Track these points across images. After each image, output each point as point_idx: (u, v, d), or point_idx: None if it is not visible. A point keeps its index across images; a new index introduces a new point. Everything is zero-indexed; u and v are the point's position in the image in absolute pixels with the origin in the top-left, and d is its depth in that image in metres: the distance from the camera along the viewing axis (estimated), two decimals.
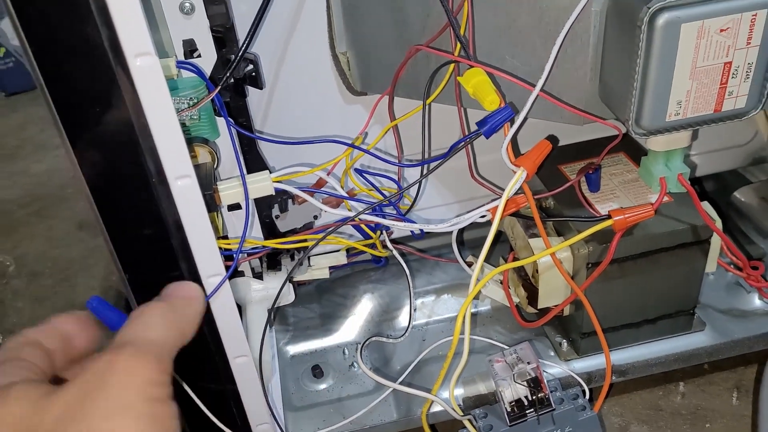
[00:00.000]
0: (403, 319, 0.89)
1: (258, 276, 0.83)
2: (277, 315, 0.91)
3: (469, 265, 0.82)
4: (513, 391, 0.68)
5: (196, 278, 0.55)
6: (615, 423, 0.83)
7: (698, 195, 0.67)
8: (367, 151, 0.68)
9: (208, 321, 0.59)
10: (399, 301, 0.91)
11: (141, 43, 0.43)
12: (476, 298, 0.89)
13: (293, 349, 0.88)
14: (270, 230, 0.79)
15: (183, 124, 0.60)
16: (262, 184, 0.60)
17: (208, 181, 0.59)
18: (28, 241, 1.41)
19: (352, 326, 0.90)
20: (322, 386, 0.83)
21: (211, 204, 0.58)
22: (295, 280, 0.87)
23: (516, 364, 0.68)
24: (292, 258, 0.82)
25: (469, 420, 0.70)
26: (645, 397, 0.86)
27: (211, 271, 0.55)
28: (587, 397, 0.72)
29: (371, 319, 0.90)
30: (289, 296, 0.84)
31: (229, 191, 0.59)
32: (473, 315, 0.88)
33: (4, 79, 2.04)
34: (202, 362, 0.61)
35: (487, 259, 0.86)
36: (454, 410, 0.69)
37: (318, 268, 0.87)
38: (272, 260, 0.80)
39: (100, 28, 0.42)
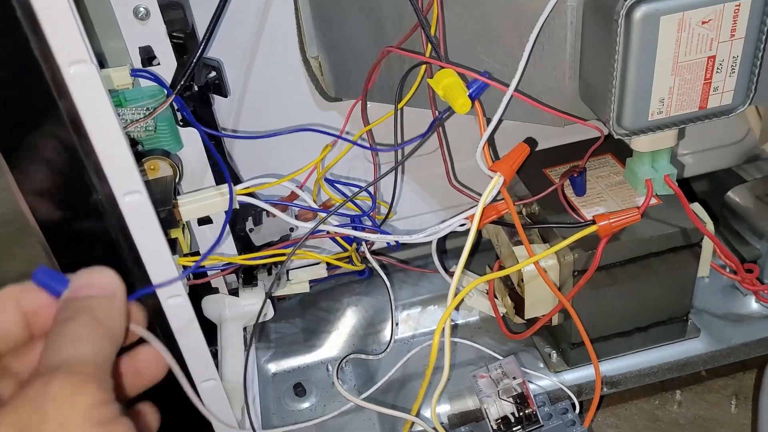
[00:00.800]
0: (387, 333, 0.86)
1: (233, 292, 0.80)
2: (257, 331, 0.88)
3: (452, 275, 0.79)
4: (498, 408, 0.64)
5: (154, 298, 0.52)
6: None
7: (688, 196, 0.64)
8: (338, 136, 0.64)
9: (171, 345, 0.56)
10: (383, 314, 0.87)
11: (75, 50, 0.40)
12: (463, 309, 0.86)
13: (275, 366, 0.85)
14: (245, 244, 0.76)
15: (136, 137, 0.57)
16: (224, 198, 0.57)
17: (167, 195, 0.56)
18: (9, 259, 1.38)
19: (335, 341, 0.86)
20: (305, 405, 0.80)
21: (171, 220, 0.55)
22: (274, 295, 0.84)
23: (501, 379, 0.65)
24: (269, 272, 0.79)
25: None
26: (641, 407, 0.83)
27: (170, 292, 0.52)
28: (577, 410, 0.69)
29: (355, 333, 0.87)
30: (267, 312, 0.81)
31: (189, 206, 0.56)
32: (460, 326, 0.85)
33: None
34: (166, 387, 0.58)
35: (473, 269, 0.83)
36: (436, 431, 0.66)
37: (297, 282, 0.84)
38: (248, 275, 0.77)
39: (29, 35, 0.39)
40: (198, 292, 0.76)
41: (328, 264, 0.85)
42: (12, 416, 0.32)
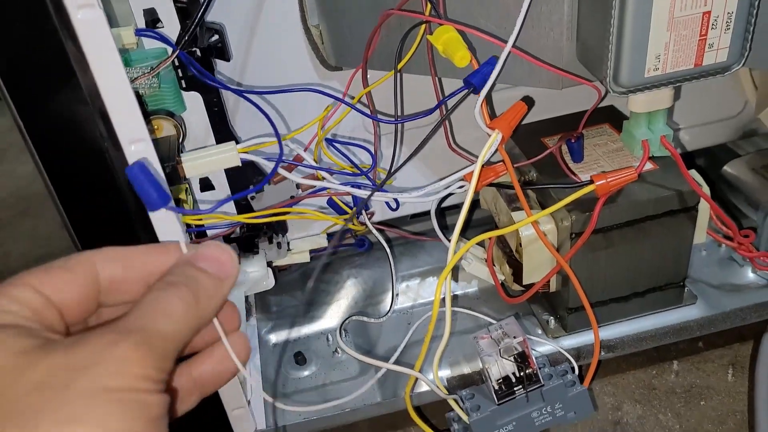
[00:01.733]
0: (387, 304, 0.86)
1: None
2: (258, 303, 0.88)
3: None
4: (500, 367, 0.65)
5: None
6: (608, 403, 0.81)
7: (686, 164, 0.65)
8: (340, 99, 0.65)
9: None
10: (383, 285, 0.88)
11: None
12: (462, 279, 0.87)
13: (275, 337, 0.86)
14: (246, 212, 0.77)
15: (143, 95, 0.58)
16: (227, 155, 0.58)
17: (171, 153, 0.57)
18: (12, 241, 1.39)
19: (335, 312, 0.87)
20: (305, 373, 0.80)
21: (175, 176, 0.56)
22: (275, 265, 0.85)
23: (502, 339, 0.66)
24: (270, 241, 0.80)
25: (455, 400, 0.68)
26: (638, 377, 0.84)
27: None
28: (576, 373, 0.70)
29: (355, 305, 0.88)
30: (268, 281, 0.82)
31: (192, 162, 0.57)
32: (461, 296, 0.86)
33: None
34: None
35: (469, 235, 0.84)
36: (439, 389, 0.67)
37: (298, 252, 0.85)
38: (248, 243, 0.78)
39: None
40: None
41: (329, 236, 0.86)
42: (72, 350, 0.32)
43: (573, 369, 0.70)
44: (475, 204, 0.86)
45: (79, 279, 0.36)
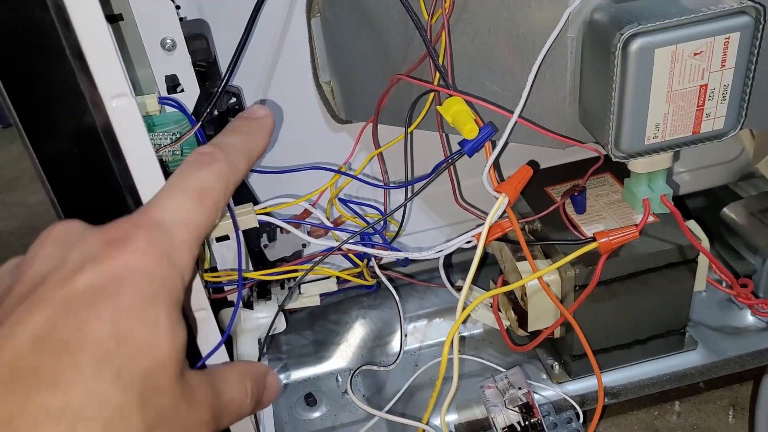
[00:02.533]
0: (395, 345, 0.89)
1: (248, 305, 0.83)
2: (269, 344, 0.91)
3: (458, 289, 0.82)
4: (505, 417, 0.67)
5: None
6: None
7: (683, 214, 0.68)
8: (352, 176, 0.68)
9: (194, 356, 0.59)
10: (391, 326, 0.91)
11: (117, 84, 0.44)
12: (468, 321, 0.89)
13: (286, 377, 0.88)
14: (259, 259, 0.80)
15: (166, 161, 0.60)
16: (246, 216, 0.60)
17: None
18: None
19: (345, 353, 0.90)
20: (316, 414, 0.83)
21: None
22: (286, 308, 0.88)
23: (507, 389, 0.68)
24: (282, 286, 0.82)
25: None
26: (641, 417, 0.86)
27: (196, 306, 0.55)
28: (581, 420, 0.72)
29: (364, 345, 0.90)
30: (280, 325, 0.84)
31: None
32: (465, 338, 0.88)
33: (2, 110, 2.05)
34: None
35: (476, 282, 0.86)
36: None
37: (308, 296, 0.87)
38: (262, 289, 0.81)
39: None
40: (215, 306, 0.79)
41: (338, 278, 0.89)
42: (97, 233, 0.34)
43: (577, 415, 0.72)
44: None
45: None
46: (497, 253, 0.82)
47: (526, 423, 0.67)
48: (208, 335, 0.56)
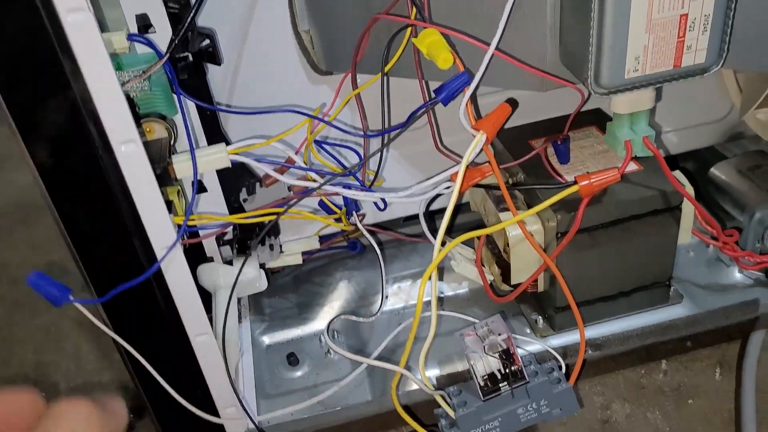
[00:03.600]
0: (386, 304, 0.87)
1: (228, 263, 0.82)
2: (252, 305, 0.90)
3: (442, 244, 0.81)
4: (485, 364, 0.66)
5: (147, 248, 0.54)
6: (597, 402, 0.81)
7: (670, 165, 0.67)
8: (327, 122, 0.66)
9: (165, 297, 0.58)
10: (375, 287, 0.89)
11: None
12: (453, 281, 0.88)
13: (269, 338, 0.87)
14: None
15: (134, 98, 0.59)
16: (217, 156, 0.59)
17: (162, 155, 0.58)
18: (10, 248, 1.40)
19: (328, 314, 0.88)
20: (298, 374, 0.81)
21: (165, 177, 0.57)
22: (268, 267, 0.86)
23: (487, 336, 0.67)
24: (263, 243, 0.81)
25: (442, 396, 0.69)
26: (627, 376, 0.84)
27: (162, 243, 0.54)
28: (563, 371, 0.71)
29: (348, 306, 0.89)
30: (261, 283, 0.83)
31: (183, 163, 0.58)
32: (451, 297, 0.87)
33: None
34: (162, 339, 0.60)
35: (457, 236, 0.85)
36: (426, 385, 0.68)
37: (290, 254, 0.86)
38: (242, 245, 0.79)
39: None
40: (194, 262, 0.78)
41: (322, 239, 0.88)
42: None
43: (560, 367, 0.71)
44: (464, 206, 0.87)
45: None
46: (481, 209, 0.81)
47: (507, 371, 0.66)
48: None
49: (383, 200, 0.67)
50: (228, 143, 0.66)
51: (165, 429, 0.70)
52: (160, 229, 0.53)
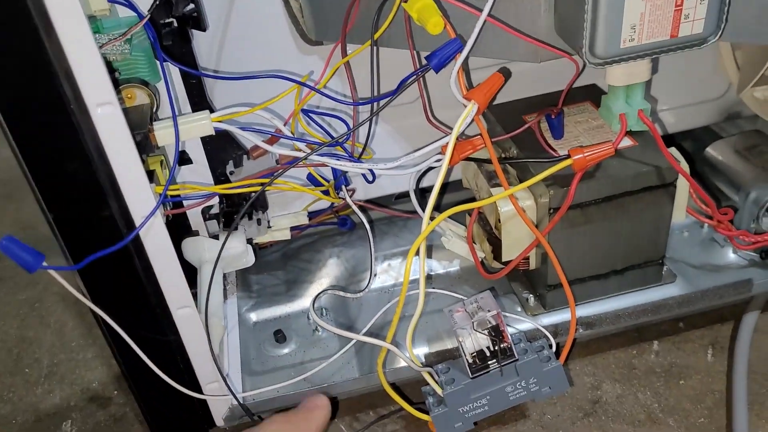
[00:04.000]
0: (375, 282, 0.86)
1: (215, 238, 0.80)
2: (240, 281, 0.88)
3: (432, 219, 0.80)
4: (474, 340, 0.65)
5: (126, 216, 0.52)
6: (587, 382, 0.80)
7: (666, 143, 0.65)
8: (315, 89, 0.64)
9: (145, 268, 0.56)
10: (365, 265, 0.88)
11: None
12: (444, 258, 0.86)
13: (256, 315, 0.85)
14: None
15: (113, 61, 0.57)
16: (200, 123, 0.57)
17: (143, 121, 0.57)
18: None
19: (317, 291, 0.87)
20: (285, 351, 0.80)
21: (146, 145, 0.56)
22: (256, 242, 0.85)
23: (476, 312, 0.65)
24: (250, 217, 0.79)
25: (429, 373, 0.68)
26: (619, 357, 0.83)
27: (142, 211, 0.52)
28: (553, 349, 0.70)
29: (337, 283, 0.87)
30: (248, 258, 0.81)
31: (164, 130, 0.56)
32: (441, 275, 0.86)
33: None
34: (143, 311, 0.59)
35: (454, 218, 0.84)
36: (413, 362, 0.66)
37: (278, 229, 0.84)
38: (228, 219, 0.78)
39: None
40: (180, 236, 0.76)
41: (311, 215, 0.86)
42: None
43: (550, 345, 0.70)
44: (457, 184, 0.86)
45: None
46: (473, 184, 0.79)
47: (496, 348, 0.65)
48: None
49: (371, 171, 0.65)
50: (212, 111, 0.64)
51: (147, 404, 0.69)
52: (139, 196, 0.51)
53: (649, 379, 0.80)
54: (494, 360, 0.65)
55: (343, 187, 0.76)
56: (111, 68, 0.59)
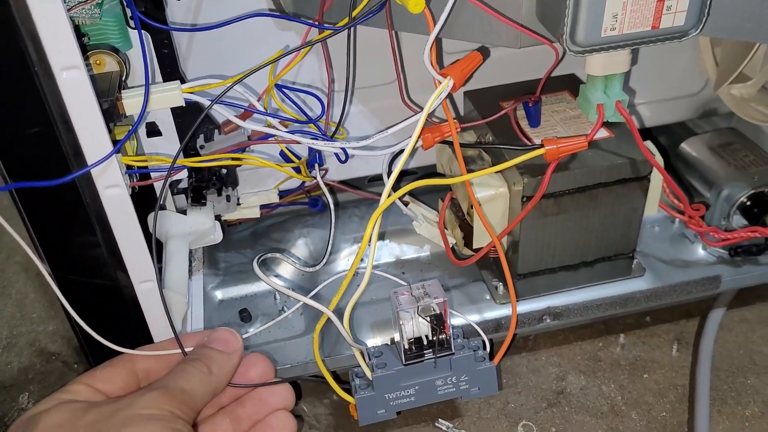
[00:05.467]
0: (339, 264, 0.85)
1: (182, 212, 0.79)
2: (207, 258, 0.87)
3: (405, 204, 0.80)
4: (415, 326, 0.64)
5: (91, 187, 0.50)
6: (552, 373, 0.80)
7: (642, 136, 0.65)
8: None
9: (107, 240, 0.55)
10: (335, 245, 0.87)
11: None
12: (416, 244, 0.85)
13: (222, 293, 0.84)
14: None
15: (82, 25, 0.55)
16: (170, 93, 0.56)
17: (111, 89, 0.55)
18: None
19: (284, 271, 0.86)
20: (250, 330, 0.79)
21: (114, 113, 0.54)
22: (224, 219, 0.84)
23: (422, 298, 0.64)
24: (219, 193, 0.78)
25: (361, 351, 0.66)
26: (585, 348, 0.84)
27: (108, 182, 0.51)
28: (488, 350, 0.68)
29: (306, 264, 0.86)
30: (215, 235, 0.80)
31: (133, 99, 0.55)
32: (412, 261, 0.85)
33: None
34: (105, 284, 0.57)
35: (428, 203, 0.83)
36: (347, 334, 0.65)
37: (248, 207, 0.83)
38: (197, 194, 0.76)
39: None
40: (145, 209, 0.75)
41: (281, 195, 0.85)
42: (115, 402, 0.49)
43: (484, 345, 0.69)
44: (431, 169, 0.85)
45: (121, 372, 0.56)
46: (447, 170, 0.78)
47: (434, 338, 0.64)
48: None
49: (344, 150, 0.64)
50: (182, 78, 0.62)
51: None
52: (98, 152, 0.50)
53: (614, 372, 0.80)
54: (430, 350, 0.64)
55: (316, 165, 0.75)
56: (80, 32, 0.57)
